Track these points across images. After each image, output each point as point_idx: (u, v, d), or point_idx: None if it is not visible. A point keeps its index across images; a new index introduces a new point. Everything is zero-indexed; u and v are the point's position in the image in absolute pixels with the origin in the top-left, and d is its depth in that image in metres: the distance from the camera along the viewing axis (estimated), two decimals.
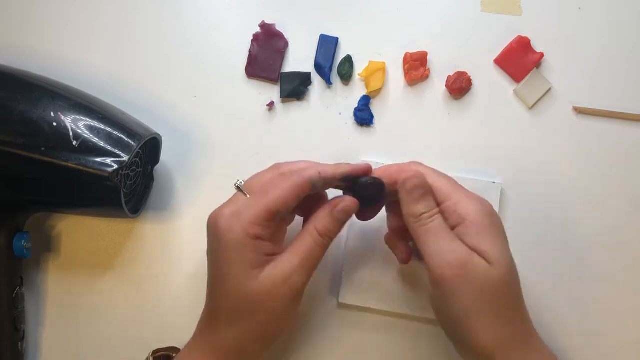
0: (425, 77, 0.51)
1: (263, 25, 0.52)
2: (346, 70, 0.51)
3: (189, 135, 0.51)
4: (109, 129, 0.44)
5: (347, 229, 0.49)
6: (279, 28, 0.52)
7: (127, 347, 0.49)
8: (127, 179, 0.46)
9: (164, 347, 0.48)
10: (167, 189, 0.51)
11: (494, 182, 0.50)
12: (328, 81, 0.51)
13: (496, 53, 0.51)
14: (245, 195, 0.41)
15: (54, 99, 0.44)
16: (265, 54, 0.52)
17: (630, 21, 0.51)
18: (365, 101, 0.51)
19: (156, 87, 0.52)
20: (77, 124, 0.43)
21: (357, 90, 0.52)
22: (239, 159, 0.51)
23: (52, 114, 0.43)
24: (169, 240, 0.51)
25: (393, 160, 0.50)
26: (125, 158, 0.43)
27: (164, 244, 0.50)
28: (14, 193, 0.45)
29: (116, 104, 0.48)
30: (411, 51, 0.51)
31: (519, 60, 0.51)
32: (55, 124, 0.43)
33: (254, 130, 0.51)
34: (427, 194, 0.41)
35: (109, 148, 0.43)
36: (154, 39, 0.52)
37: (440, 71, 0.51)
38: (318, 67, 0.51)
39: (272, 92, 0.52)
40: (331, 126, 0.51)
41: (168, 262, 0.50)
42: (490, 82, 0.51)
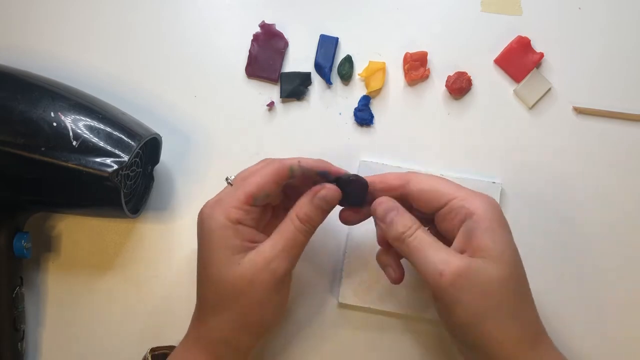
0: (425, 77, 0.51)
1: (263, 25, 0.52)
2: (346, 70, 0.51)
3: (189, 135, 0.51)
4: (109, 129, 0.44)
5: (347, 229, 0.49)
6: (279, 28, 0.52)
7: (127, 346, 0.49)
8: (127, 179, 0.46)
9: (163, 345, 0.48)
10: (167, 189, 0.51)
11: (494, 182, 0.50)
12: (328, 81, 0.51)
13: (496, 53, 0.51)
14: (231, 185, 0.42)
15: (54, 99, 0.44)
16: (265, 54, 0.52)
17: (630, 21, 0.51)
18: (365, 101, 0.51)
19: (156, 87, 0.52)
20: (77, 124, 0.43)
21: (357, 90, 0.52)
22: (239, 159, 0.51)
23: (52, 114, 0.43)
24: (169, 240, 0.51)
25: (393, 160, 0.51)
26: (125, 158, 0.43)
27: (164, 244, 0.50)
28: (14, 193, 0.45)
29: (116, 104, 0.48)
30: (411, 51, 0.51)
31: (519, 60, 0.51)
32: (55, 124, 0.43)
33: (254, 130, 0.51)
34: (400, 213, 0.41)
35: (109, 148, 0.43)
36: (154, 39, 0.52)
37: (440, 71, 0.51)
38: (318, 67, 0.51)
39: (272, 92, 0.52)
40: (331, 126, 0.51)
41: (168, 262, 0.50)
42: (490, 82, 0.51)
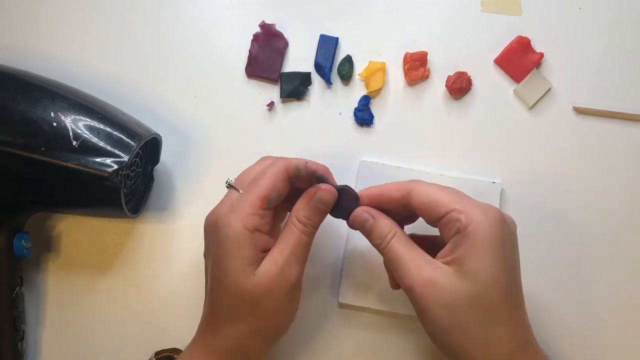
0: (425, 77, 0.51)
1: (263, 25, 0.52)
2: (346, 70, 0.51)
3: (189, 135, 0.51)
4: (109, 129, 0.44)
5: (347, 229, 0.49)
6: (279, 28, 0.52)
7: (127, 347, 0.49)
8: (127, 179, 0.46)
9: (166, 348, 0.48)
10: (167, 189, 0.51)
11: (494, 182, 0.50)
12: (328, 81, 0.51)
13: (496, 53, 0.51)
14: (238, 191, 0.42)
15: (54, 99, 0.44)
16: (265, 54, 0.52)
17: (630, 21, 0.51)
18: (365, 101, 0.51)
19: (156, 87, 0.52)
20: (77, 124, 0.43)
21: (357, 90, 0.52)
22: (239, 159, 0.51)
23: (52, 114, 0.43)
24: (169, 240, 0.51)
25: (393, 160, 0.51)
26: (125, 158, 0.43)
27: (164, 244, 0.50)
28: (14, 193, 0.45)
29: (116, 104, 0.48)
30: (411, 51, 0.51)
31: (519, 60, 0.51)
32: (55, 124, 0.43)
33: (254, 130, 0.51)
34: (375, 225, 0.41)
35: (109, 148, 0.43)
36: (154, 39, 0.52)
37: (440, 71, 0.51)
38: (318, 67, 0.51)
39: (272, 92, 0.52)
40: (331, 126, 0.51)
41: (168, 262, 0.50)
42: (490, 82, 0.51)
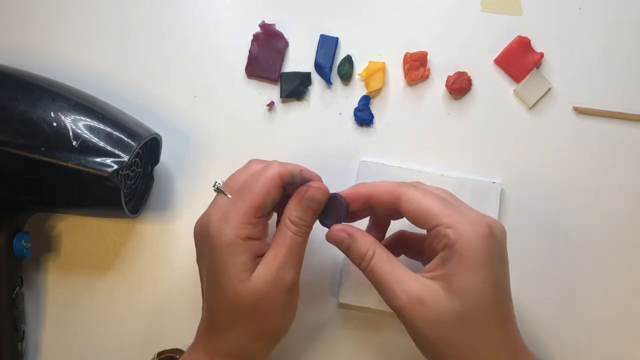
0: (425, 77, 0.51)
1: (263, 25, 0.52)
2: (346, 70, 0.51)
3: (189, 135, 0.51)
4: (109, 129, 0.44)
5: None
6: (279, 28, 0.52)
7: (127, 347, 0.49)
8: (127, 179, 0.46)
9: (168, 348, 0.48)
10: (167, 189, 0.51)
11: (494, 182, 0.50)
12: (328, 81, 0.51)
13: (496, 53, 0.51)
14: (227, 196, 0.40)
15: (54, 99, 0.44)
16: (265, 54, 0.51)
17: (630, 21, 0.51)
18: (365, 101, 0.51)
19: (156, 87, 0.52)
20: (77, 124, 0.43)
21: (357, 90, 0.52)
22: (239, 159, 0.51)
23: (52, 114, 0.43)
24: (169, 240, 0.51)
25: (393, 160, 0.51)
26: (125, 158, 0.43)
27: (164, 244, 0.50)
28: (14, 193, 0.45)
29: (116, 104, 0.48)
30: (411, 51, 0.51)
31: (519, 60, 0.51)
32: (55, 124, 0.43)
33: (254, 130, 0.51)
34: (352, 244, 0.40)
35: (109, 148, 0.43)
36: (154, 39, 0.52)
37: (440, 71, 0.51)
38: (318, 67, 0.51)
39: (272, 92, 0.52)
40: (331, 126, 0.51)
41: (168, 262, 0.50)
42: (490, 82, 0.51)
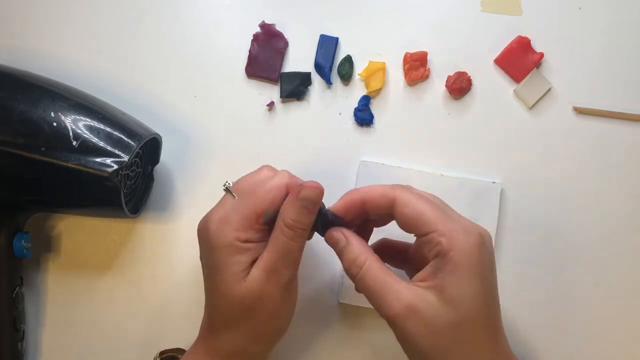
0: (425, 77, 0.51)
1: (263, 25, 0.52)
2: (346, 70, 0.51)
3: (189, 135, 0.51)
4: (109, 129, 0.44)
5: None
6: (279, 28, 0.52)
7: (127, 347, 0.50)
8: (127, 179, 0.46)
9: (170, 348, 0.48)
10: (167, 189, 0.51)
11: (494, 182, 0.50)
12: (328, 81, 0.51)
13: (496, 53, 0.51)
14: (234, 196, 0.41)
15: (54, 99, 0.44)
16: (265, 54, 0.51)
17: (630, 21, 0.51)
18: (365, 101, 0.51)
19: (156, 87, 0.52)
20: (77, 124, 0.43)
21: (357, 90, 0.52)
22: (239, 159, 0.51)
23: (52, 114, 0.43)
24: (169, 240, 0.51)
25: (393, 160, 0.51)
26: (125, 158, 0.43)
27: (164, 244, 0.50)
28: (14, 193, 0.45)
29: (116, 104, 0.48)
30: (411, 51, 0.51)
31: (519, 60, 0.51)
32: (55, 124, 0.43)
33: (254, 130, 0.51)
34: (346, 247, 0.39)
35: (109, 148, 0.43)
36: (154, 39, 0.52)
37: (440, 71, 0.51)
38: (318, 67, 0.51)
39: (272, 92, 0.52)
40: (331, 126, 0.51)
41: (168, 262, 0.50)
42: (490, 82, 0.51)
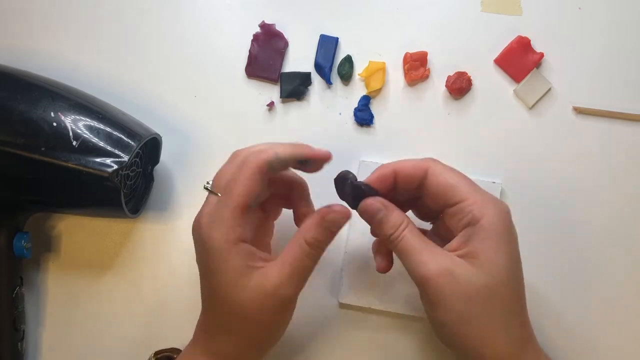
0: (425, 77, 0.51)
1: (263, 25, 0.52)
2: (346, 70, 0.51)
3: (189, 135, 0.51)
4: (108, 129, 0.44)
5: (348, 228, 0.49)
6: (279, 28, 0.52)
7: (127, 346, 0.50)
8: (127, 179, 0.46)
9: (165, 348, 0.48)
10: (167, 189, 0.51)
11: (494, 182, 0.50)
12: (328, 81, 0.51)
13: (496, 53, 0.51)
14: (217, 195, 0.40)
15: (54, 99, 0.44)
16: (265, 54, 0.52)
17: (630, 21, 0.51)
18: (365, 101, 0.51)
19: (156, 87, 0.52)
20: (77, 124, 0.43)
21: (357, 90, 0.52)
22: None
23: (52, 114, 0.43)
24: (169, 240, 0.51)
25: (393, 160, 0.50)
26: (125, 158, 0.43)
27: (164, 244, 0.51)
28: (14, 193, 0.45)
29: (116, 104, 0.48)
30: (411, 51, 0.51)
31: (519, 60, 0.51)
32: (55, 124, 0.43)
33: (254, 130, 0.51)
34: (387, 214, 0.40)
35: (108, 148, 0.43)
36: (154, 39, 0.52)
37: (440, 71, 0.51)
38: (318, 67, 0.51)
39: (272, 92, 0.52)
40: (331, 126, 0.51)
41: (168, 262, 0.50)
42: (490, 82, 0.51)
